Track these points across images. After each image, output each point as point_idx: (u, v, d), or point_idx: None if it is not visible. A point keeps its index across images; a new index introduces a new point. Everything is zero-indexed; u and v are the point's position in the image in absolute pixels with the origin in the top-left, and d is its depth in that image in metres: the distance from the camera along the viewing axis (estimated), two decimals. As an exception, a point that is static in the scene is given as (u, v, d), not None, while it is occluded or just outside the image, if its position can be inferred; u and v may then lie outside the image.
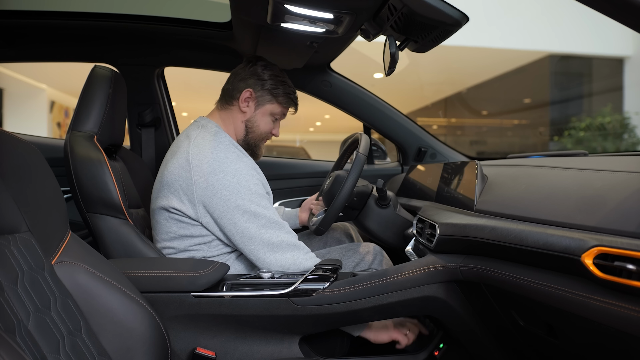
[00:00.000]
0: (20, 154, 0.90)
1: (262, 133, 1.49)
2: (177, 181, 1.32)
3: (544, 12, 8.14)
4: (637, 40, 8.50)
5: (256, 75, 1.44)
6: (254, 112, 1.46)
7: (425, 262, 1.19)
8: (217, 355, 1.24)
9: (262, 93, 1.45)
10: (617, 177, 0.88)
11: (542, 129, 11.10)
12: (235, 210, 1.28)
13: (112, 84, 1.45)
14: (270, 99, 1.46)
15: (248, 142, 1.49)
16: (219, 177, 1.28)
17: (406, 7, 1.10)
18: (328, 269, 1.24)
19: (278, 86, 1.45)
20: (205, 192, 1.28)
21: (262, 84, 1.44)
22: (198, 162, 1.30)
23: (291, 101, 1.50)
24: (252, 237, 1.28)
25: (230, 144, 1.38)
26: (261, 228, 1.29)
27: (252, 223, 1.28)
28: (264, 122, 1.48)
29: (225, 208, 1.28)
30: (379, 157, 2.34)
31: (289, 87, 1.49)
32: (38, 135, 2.27)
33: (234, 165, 1.31)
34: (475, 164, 1.26)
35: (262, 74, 1.44)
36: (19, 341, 0.71)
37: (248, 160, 1.38)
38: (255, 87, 1.44)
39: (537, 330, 0.99)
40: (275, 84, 1.45)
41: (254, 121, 1.47)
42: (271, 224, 1.30)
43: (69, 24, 1.72)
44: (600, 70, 9.74)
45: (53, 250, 0.91)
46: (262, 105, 1.46)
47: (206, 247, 1.36)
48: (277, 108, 1.48)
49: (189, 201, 1.30)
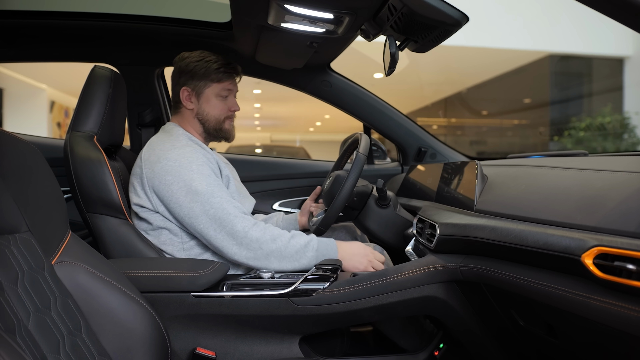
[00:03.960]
0: (20, 154, 0.90)
1: (217, 116, 1.50)
2: (134, 177, 1.39)
3: (544, 12, 8.14)
4: (637, 40, 8.50)
5: (182, 72, 1.48)
6: (199, 103, 1.48)
7: (425, 262, 1.19)
8: (217, 355, 1.24)
9: (195, 83, 1.47)
10: (617, 177, 0.87)
11: (542, 129, 11.09)
12: (179, 192, 1.30)
13: (112, 84, 1.45)
14: (205, 83, 1.47)
15: (209, 131, 1.51)
16: (163, 163, 1.33)
17: (406, 7, 1.10)
18: (328, 269, 1.24)
19: (204, 67, 1.46)
20: (153, 181, 1.34)
21: (190, 75, 1.47)
22: (147, 155, 1.39)
23: (225, 73, 1.48)
24: (197, 216, 1.29)
25: (181, 136, 1.44)
26: (205, 205, 1.29)
27: (196, 202, 1.29)
28: (212, 106, 1.49)
29: (170, 192, 1.31)
30: (379, 157, 2.33)
31: (216, 61, 1.47)
32: (38, 135, 2.27)
33: (177, 150, 1.36)
34: (475, 164, 1.26)
35: (186, 67, 1.47)
36: (19, 341, 0.71)
37: (197, 147, 1.41)
38: (187, 82, 1.48)
39: (537, 330, 0.99)
40: (200, 67, 1.46)
41: (202, 111, 1.49)
42: (215, 199, 1.30)
43: (69, 24, 1.72)
44: (600, 70, 9.74)
45: (53, 250, 0.91)
46: (202, 93, 1.48)
47: (176, 239, 1.38)
48: (216, 87, 1.48)
49: (144, 194, 1.35)
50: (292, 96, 9.60)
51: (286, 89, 2.12)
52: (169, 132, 1.47)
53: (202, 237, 1.32)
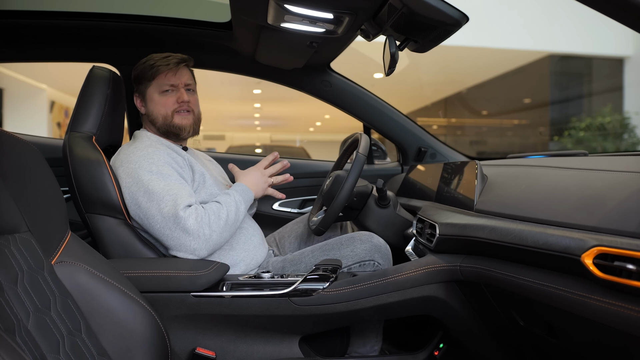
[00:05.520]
0: (20, 154, 0.90)
1: (163, 113, 1.47)
2: None
3: (544, 12, 8.14)
4: (637, 40, 8.50)
5: (132, 81, 1.53)
6: (146, 105, 1.50)
7: (425, 262, 1.19)
8: (217, 355, 1.24)
9: (139, 87, 1.51)
10: (617, 177, 0.87)
11: (542, 129, 11.09)
12: (137, 193, 1.31)
13: (110, 84, 1.45)
14: (145, 84, 1.49)
15: (160, 129, 1.50)
16: (125, 166, 1.35)
17: (406, 7, 1.10)
18: (328, 269, 1.24)
19: (141, 70, 1.49)
20: (118, 186, 1.34)
21: (136, 81, 1.52)
22: (113, 161, 1.41)
23: (157, 67, 1.46)
24: (153, 216, 1.28)
25: (145, 139, 1.45)
26: (160, 203, 1.27)
27: (152, 202, 1.28)
28: (156, 104, 1.48)
29: (129, 194, 1.33)
30: (379, 157, 2.33)
31: (146, 60, 1.49)
32: (38, 135, 2.27)
33: (139, 152, 1.37)
34: (475, 164, 1.26)
35: (133, 76, 1.52)
36: (19, 341, 0.71)
37: (161, 148, 1.41)
38: (136, 88, 1.53)
39: (537, 330, 0.99)
40: (139, 71, 1.49)
41: (150, 112, 1.49)
42: (169, 196, 1.28)
43: (69, 24, 1.72)
44: (600, 70, 9.73)
45: (53, 250, 0.91)
46: (145, 94, 1.49)
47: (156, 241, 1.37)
48: (155, 85, 1.47)
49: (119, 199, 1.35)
50: (292, 96, 9.61)
51: (286, 89, 2.12)
52: (135, 137, 1.50)
53: (160, 239, 1.29)
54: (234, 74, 2.05)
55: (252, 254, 1.45)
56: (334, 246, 1.41)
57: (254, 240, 1.48)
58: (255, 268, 1.45)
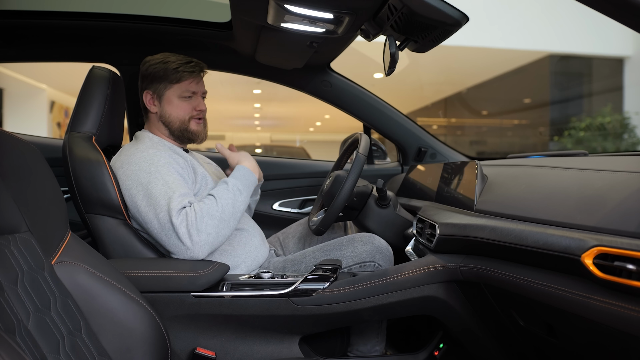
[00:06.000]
0: (20, 154, 0.90)
1: (181, 117, 1.47)
2: None
3: (544, 12, 8.14)
4: (637, 40, 8.50)
5: (144, 76, 1.49)
6: (161, 105, 1.48)
7: (425, 262, 1.19)
8: (217, 355, 1.24)
9: (155, 86, 1.47)
10: (617, 177, 0.87)
11: (542, 129, 11.09)
12: (137, 196, 1.30)
13: (110, 84, 1.45)
14: (165, 85, 1.46)
15: (174, 133, 1.49)
16: (125, 168, 1.34)
17: (406, 7, 1.10)
18: (328, 269, 1.23)
19: (162, 69, 1.45)
20: (119, 188, 1.34)
21: (150, 79, 1.47)
22: (114, 162, 1.40)
23: (182, 72, 1.45)
24: (151, 220, 1.27)
25: (148, 140, 1.44)
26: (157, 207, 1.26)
27: (150, 205, 1.27)
28: (174, 107, 1.47)
29: (129, 196, 1.32)
30: (379, 157, 2.33)
31: (173, 62, 1.45)
32: (38, 135, 2.27)
33: (140, 154, 1.36)
34: (475, 164, 1.26)
35: (146, 71, 1.48)
36: (19, 341, 0.71)
37: (164, 150, 1.40)
38: (148, 85, 1.48)
39: (537, 330, 0.99)
40: (159, 69, 1.45)
41: (165, 113, 1.47)
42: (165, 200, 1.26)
43: (69, 24, 1.72)
44: (600, 70, 9.73)
45: (53, 250, 0.91)
46: (163, 95, 1.47)
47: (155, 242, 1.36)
48: (177, 89, 1.46)
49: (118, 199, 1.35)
50: (292, 96, 9.61)
51: (286, 89, 2.12)
52: (137, 138, 1.49)
53: (158, 242, 1.29)
54: (234, 74, 2.06)
55: (254, 255, 1.45)
56: (335, 247, 1.41)
57: (254, 242, 1.48)
58: (256, 269, 1.45)
